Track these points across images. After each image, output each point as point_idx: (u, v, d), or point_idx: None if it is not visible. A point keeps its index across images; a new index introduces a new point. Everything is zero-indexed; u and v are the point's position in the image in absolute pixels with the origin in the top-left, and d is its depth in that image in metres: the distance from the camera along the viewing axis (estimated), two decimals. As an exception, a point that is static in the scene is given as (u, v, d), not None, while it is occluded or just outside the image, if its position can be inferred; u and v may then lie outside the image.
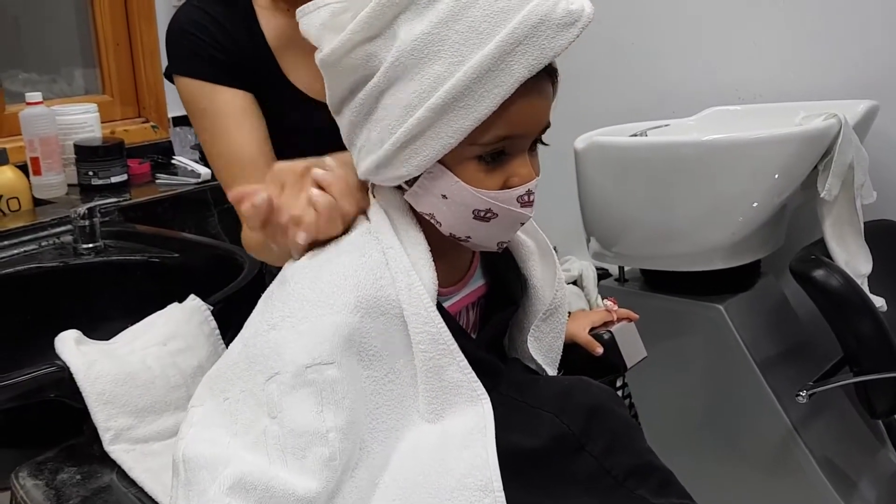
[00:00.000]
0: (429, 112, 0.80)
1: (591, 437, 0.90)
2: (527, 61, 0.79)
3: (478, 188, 0.85)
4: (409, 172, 0.85)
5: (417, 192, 0.88)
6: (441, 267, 0.90)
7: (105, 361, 1.11)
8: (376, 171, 0.87)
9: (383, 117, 0.84)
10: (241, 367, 0.88)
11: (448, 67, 0.80)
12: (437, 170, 0.85)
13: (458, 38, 0.79)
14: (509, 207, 0.86)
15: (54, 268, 1.52)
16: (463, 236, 0.90)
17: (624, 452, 0.91)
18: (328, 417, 0.81)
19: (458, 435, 0.87)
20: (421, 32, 0.80)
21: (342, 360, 0.83)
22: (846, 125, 1.62)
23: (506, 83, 0.79)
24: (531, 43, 0.79)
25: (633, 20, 2.18)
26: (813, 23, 1.96)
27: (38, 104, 1.80)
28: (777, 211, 1.74)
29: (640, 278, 2.01)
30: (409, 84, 0.81)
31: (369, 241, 0.89)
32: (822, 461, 1.75)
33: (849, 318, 1.59)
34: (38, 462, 1.07)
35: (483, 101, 0.80)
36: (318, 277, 0.87)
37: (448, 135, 0.81)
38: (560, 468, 0.89)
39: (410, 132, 0.82)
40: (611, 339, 1.10)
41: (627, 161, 1.78)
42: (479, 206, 0.86)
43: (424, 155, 0.83)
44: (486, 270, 1.02)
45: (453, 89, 0.79)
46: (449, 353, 0.88)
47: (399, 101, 0.82)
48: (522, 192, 0.86)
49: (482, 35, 0.79)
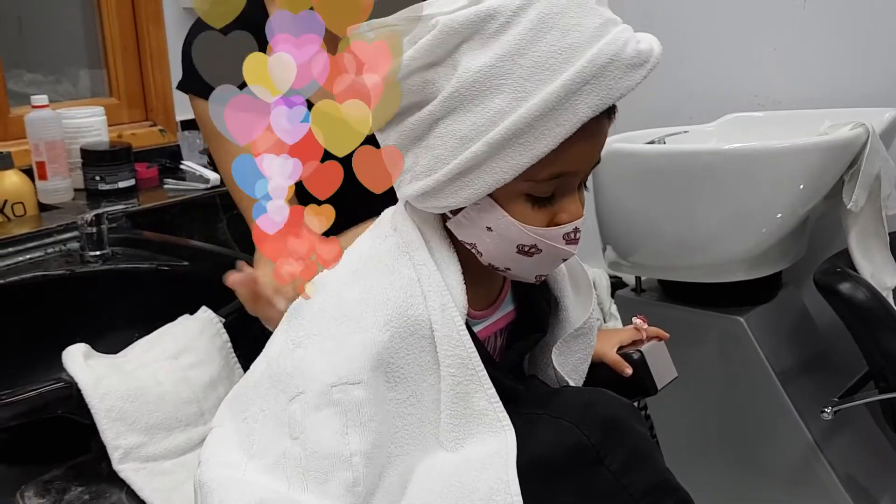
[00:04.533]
0: (486, 147, 0.78)
1: (610, 451, 0.87)
2: (592, 101, 0.76)
3: (525, 224, 0.83)
4: (458, 203, 0.82)
5: (461, 222, 0.86)
6: (472, 291, 0.88)
7: (114, 377, 1.08)
8: (422, 198, 0.84)
9: (436, 146, 0.81)
10: (264, 387, 0.86)
11: (510, 102, 0.77)
12: (486, 202, 0.83)
13: (522, 72, 0.76)
14: (554, 244, 0.84)
15: (61, 276, 1.49)
16: (503, 268, 0.88)
17: (642, 470, 0.88)
18: (353, 440, 0.79)
19: (478, 458, 0.84)
20: (484, 64, 0.77)
21: (369, 381, 0.80)
22: (874, 135, 1.59)
23: (568, 122, 0.77)
24: (598, 83, 0.76)
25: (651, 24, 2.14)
26: (833, 28, 1.93)
27: (45, 107, 1.77)
28: (800, 222, 1.71)
29: (658, 288, 1.98)
30: (468, 116, 0.78)
31: (400, 258, 0.86)
32: (845, 478, 1.72)
33: (875, 333, 1.56)
34: (44, 481, 1.06)
35: (543, 139, 0.77)
36: (346, 295, 0.84)
37: (503, 170, 0.79)
38: (578, 484, 0.87)
39: (464, 165, 0.79)
40: (640, 358, 1.06)
41: (647, 169, 1.74)
42: (524, 242, 0.84)
43: (475, 188, 0.80)
44: (515, 295, 1.00)
45: (514, 125, 0.76)
46: (477, 379, 0.85)
47: (455, 132, 0.79)
48: (570, 229, 0.84)
49: (548, 71, 0.76)
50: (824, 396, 1.62)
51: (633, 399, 1.03)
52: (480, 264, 0.89)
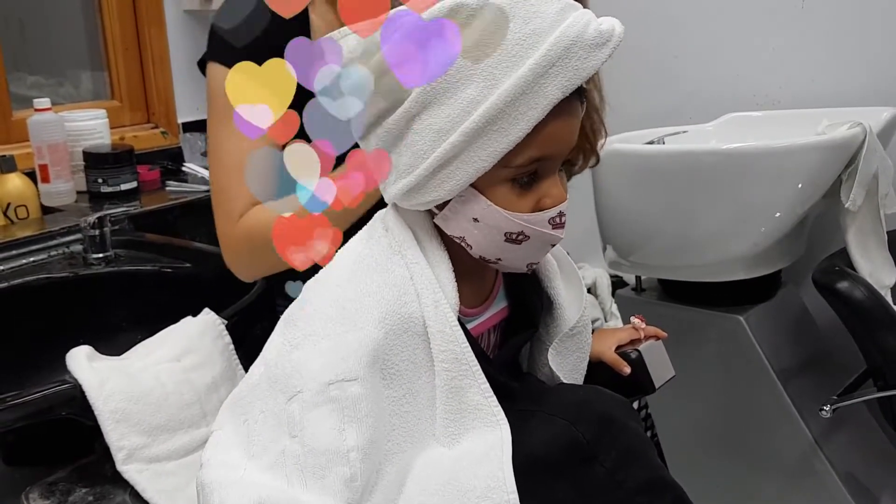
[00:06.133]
0: (463, 136, 0.80)
1: (604, 448, 0.88)
2: (560, 83, 0.79)
3: (510, 211, 0.84)
4: (441, 197, 0.84)
5: (448, 216, 0.87)
6: (464, 289, 0.90)
7: (118, 378, 1.09)
8: (407, 196, 0.86)
9: (414, 142, 0.83)
10: (263, 389, 0.86)
11: (482, 91, 0.79)
12: (469, 193, 0.85)
13: (490, 61, 0.79)
14: (541, 230, 0.86)
15: (64, 278, 1.50)
16: (493, 258, 0.89)
17: (636, 467, 0.89)
18: (350, 436, 0.80)
19: (474, 454, 0.85)
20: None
21: (366, 377, 0.81)
22: (871, 134, 1.59)
23: (539, 105, 0.79)
24: (564, 64, 0.79)
25: (649, 24, 2.15)
26: (831, 28, 1.93)
27: (47, 110, 1.78)
28: (799, 221, 1.71)
29: (658, 287, 1.98)
30: (442, 109, 0.80)
31: (392, 258, 0.88)
32: (844, 475, 1.73)
33: (873, 331, 1.56)
34: (49, 482, 1.06)
35: (517, 123, 0.79)
36: (341, 295, 0.85)
37: (482, 158, 0.81)
38: (573, 481, 0.88)
39: (444, 157, 0.81)
40: (639, 357, 1.07)
41: (647, 169, 1.75)
42: (511, 229, 0.85)
43: (457, 179, 0.82)
44: (508, 292, 1.01)
45: (487, 113, 0.79)
46: (471, 374, 0.86)
47: (431, 126, 0.81)
48: (554, 213, 0.86)
49: (515, 58, 0.79)
50: (823, 394, 1.62)
51: (631, 398, 1.03)
52: (471, 262, 0.90)
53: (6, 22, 2.01)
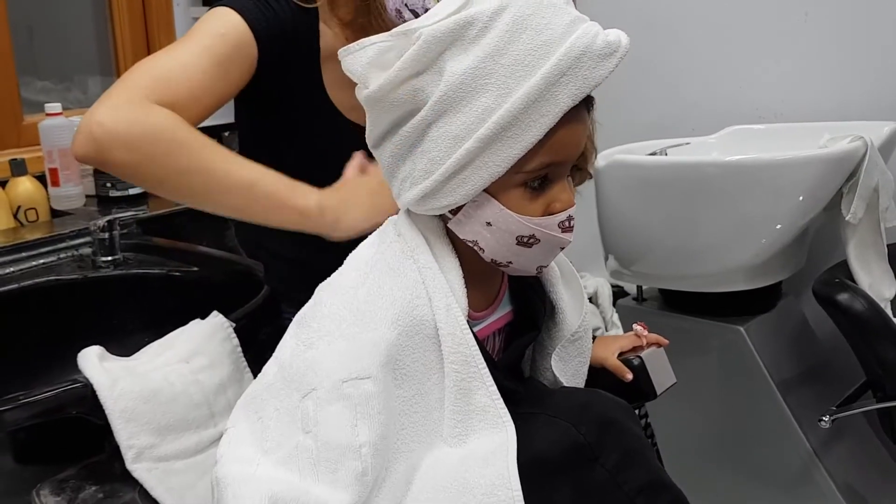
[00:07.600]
0: (477, 143, 0.83)
1: (605, 450, 0.91)
2: (570, 91, 0.82)
3: (522, 215, 0.87)
4: (456, 202, 0.87)
5: (461, 221, 0.90)
6: (472, 293, 0.92)
7: (128, 379, 1.10)
8: (423, 201, 0.88)
9: (430, 149, 0.86)
10: (277, 387, 0.89)
11: (496, 99, 0.82)
12: (482, 198, 0.87)
13: (504, 71, 0.82)
14: (551, 233, 0.88)
15: (73, 280, 1.51)
16: (505, 262, 0.91)
17: (636, 468, 0.92)
18: (362, 432, 0.83)
19: (479, 454, 0.87)
20: (468, 67, 0.82)
21: (379, 375, 0.84)
22: (872, 148, 1.61)
23: (551, 112, 0.82)
24: (574, 73, 0.82)
25: (653, 37, 2.17)
26: (834, 42, 1.95)
27: (58, 115, 1.80)
28: (800, 233, 1.72)
29: (659, 297, 1.99)
30: (458, 116, 0.83)
31: (405, 262, 0.90)
32: (842, 485, 1.74)
33: (873, 343, 1.57)
34: (59, 480, 1.07)
35: (529, 130, 0.82)
36: (354, 297, 0.88)
37: (496, 164, 0.83)
38: (574, 481, 0.90)
39: (459, 162, 0.84)
40: (641, 364, 1.09)
41: (649, 180, 1.76)
42: (523, 233, 0.88)
43: (472, 184, 0.85)
44: (513, 297, 1.03)
45: (501, 120, 0.82)
46: (479, 376, 0.89)
47: (447, 133, 0.84)
48: (564, 217, 0.89)
49: (528, 67, 0.82)
50: (823, 405, 1.63)
51: (632, 404, 1.05)
52: (479, 266, 0.93)
53: (16, 28, 2.02)
